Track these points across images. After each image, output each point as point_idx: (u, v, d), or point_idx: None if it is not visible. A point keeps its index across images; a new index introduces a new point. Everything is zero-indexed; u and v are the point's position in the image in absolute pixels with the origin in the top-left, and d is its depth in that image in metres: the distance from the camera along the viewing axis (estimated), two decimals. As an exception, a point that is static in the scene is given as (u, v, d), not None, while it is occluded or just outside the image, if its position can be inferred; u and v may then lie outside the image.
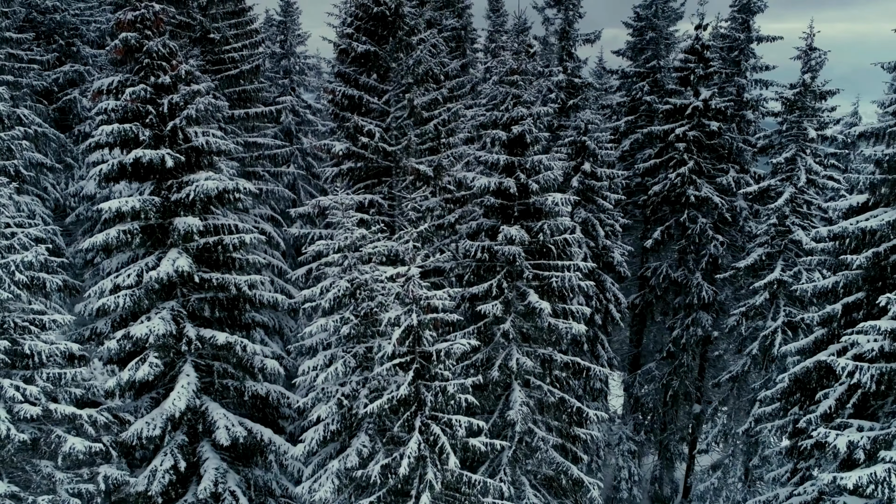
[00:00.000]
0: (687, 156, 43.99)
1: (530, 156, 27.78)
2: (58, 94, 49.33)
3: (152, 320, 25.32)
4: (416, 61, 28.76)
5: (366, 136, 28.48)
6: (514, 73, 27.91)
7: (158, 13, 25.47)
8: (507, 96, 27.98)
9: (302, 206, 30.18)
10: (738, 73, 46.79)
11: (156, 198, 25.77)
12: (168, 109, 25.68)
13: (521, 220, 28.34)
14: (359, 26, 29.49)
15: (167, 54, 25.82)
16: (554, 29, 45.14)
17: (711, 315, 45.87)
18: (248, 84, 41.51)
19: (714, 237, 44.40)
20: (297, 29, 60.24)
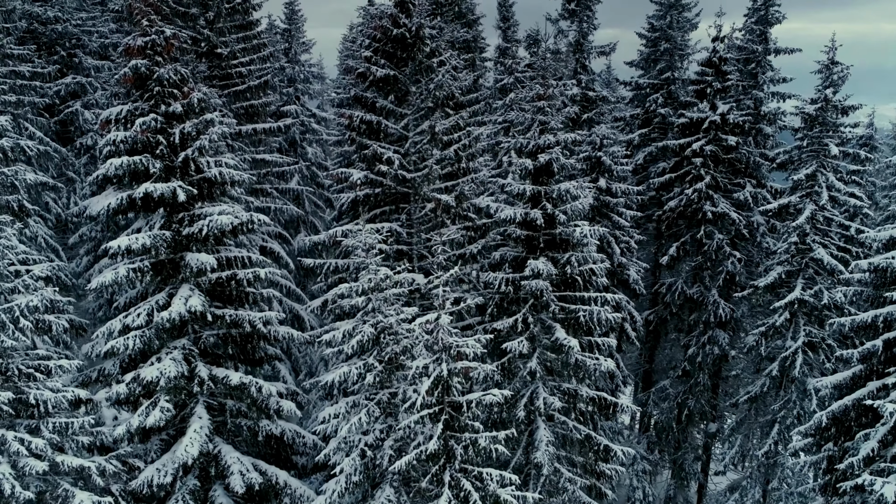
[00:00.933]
0: (704, 171, 42.51)
1: (557, 184, 26.28)
2: (59, 106, 47.69)
3: (163, 361, 23.81)
4: (437, 85, 27.22)
5: (385, 163, 26.93)
6: (541, 99, 26.39)
7: (170, 38, 23.90)
8: (533, 123, 26.51)
9: (317, 235, 28.60)
10: (756, 85, 45.31)
11: (167, 232, 24.24)
12: (180, 140, 24.14)
13: (547, 251, 26.88)
14: (377, 48, 27.94)
15: (178, 81, 24.26)
16: (568, 41, 43.57)
17: (728, 333, 44.39)
18: (256, 98, 39.88)
19: (731, 254, 42.96)
20: (302, 37, 58.69)
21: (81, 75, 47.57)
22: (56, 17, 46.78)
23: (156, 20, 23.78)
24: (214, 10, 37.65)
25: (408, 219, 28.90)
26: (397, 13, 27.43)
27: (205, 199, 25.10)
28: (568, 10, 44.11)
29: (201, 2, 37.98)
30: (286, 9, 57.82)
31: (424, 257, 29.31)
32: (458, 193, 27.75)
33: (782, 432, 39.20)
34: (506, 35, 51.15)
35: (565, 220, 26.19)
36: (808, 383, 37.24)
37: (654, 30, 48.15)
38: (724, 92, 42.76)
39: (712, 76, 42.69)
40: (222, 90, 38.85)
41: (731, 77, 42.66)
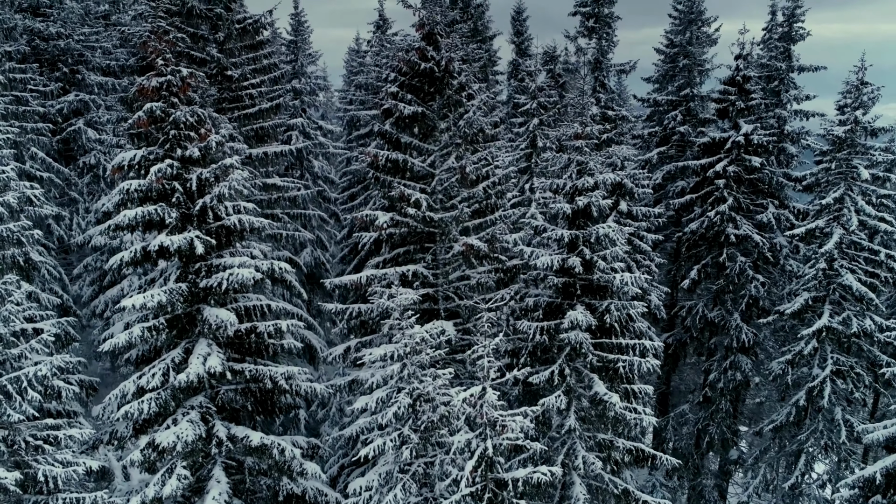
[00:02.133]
0: (726, 192, 40.65)
1: (595, 228, 24.40)
2: (61, 124, 45.73)
3: (179, 424, 21.93)
4: (467, 122, 25.28)
5: (413, 206, 25.02)
6: (579, 138, 24.50)
7: (186, 78, 21.95)
8: (570, 163, 24.62)
9: (339, 279, 26.71)
10: (779, 103, 43.42)
11: (183, 285, 22.31)
12: (197, 186, 22.24)
13: (584, 297, 25.03)
14: (403, 82, 26.02)
15: (195, 122, 22.30)
16: (587, 59, 41.66)
17: (751, 358, 42.63)
18: (267, 120, 37.93)
19: (754, 277, 41.16)
20: (308, 48, 56.64)
21: (84, 92, 45.66)
22: (58, 34, 44.80)
23: (171, 59, 21.83)
24: (225, 31, 35.68)
25: (433, 259, 27.01)
26: (425, 46, 25.52)
27: (223, 246, 23.16)
28: (587, 28, 42.26)
29: (211, 22, 36.00)
30: (292, 20, 55.86)
31: (451, 298, 27.45)
32: (490, 237, 25.86)
33: (808, 463, 37.55)
34: (519, 49, 49.32)
35: (605, 266, 24.29)
36: (835, 413, 35.65)
37: (672, 45, 46.23)
38: (748, 111, 40.89)
39: (735, 95, 40.83)
40: (232, 112, 36.93)
41: (755, 96, 40.78)
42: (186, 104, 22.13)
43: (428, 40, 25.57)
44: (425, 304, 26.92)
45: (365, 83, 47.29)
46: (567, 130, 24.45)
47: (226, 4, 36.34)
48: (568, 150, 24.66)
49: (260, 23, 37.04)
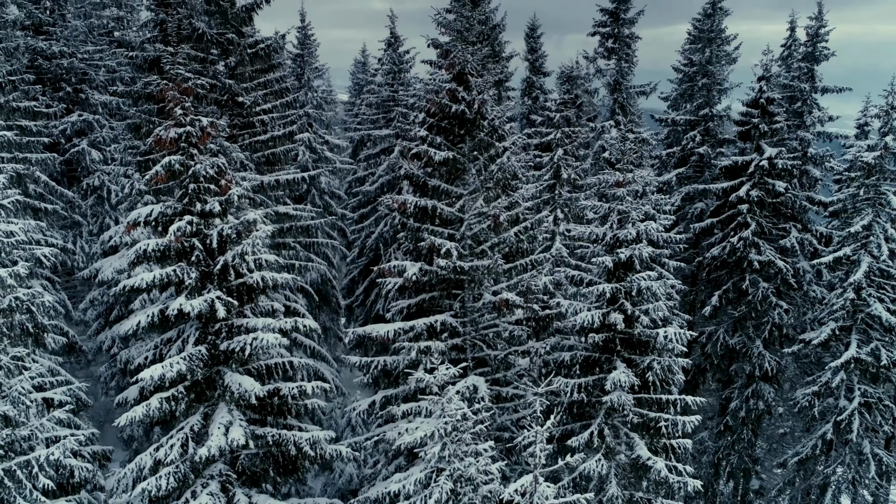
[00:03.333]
0: (749, 217, 39.00)
1: (637, 280, 22.73)
2: (65, 145, 43.94)
3: (199, 497, 20.22)
4: (500, 167, 23.59)
5: (444, 256, 23.32)
6: (620, 186, 22.83)
7: (206, 128, 20.18)
8: (611, 212, 22.96)
9: (362, 328, 25.01)
10: (801, 125, 41.79)
11: (202, 348, 20.61)
12: (218, 243, 20.48)
13: (624, 351, 23.40)
14: (432, 124, 24.30)
15: (216, 173, 20.56)
16: (606, 81, 39.97)
17: (773, 386, 41.06)
18: (279, 146, 36.17)
19: (777, 304, 39.53)
20: (314, 62, 54.98)
21: (88, 112, 43.87)
22: (61, 52, 42.94)
23: (191, 108, 20.07)
24: (236, 56, 33.88)
25: (461, 307, 25.31)
26: (455, 87, 23.77)
27: (244, 303, 21.44)
28: (607, 49, 40.60)
29: (222, 47, 34.21)
30: (299, 33, 54.23)
31: (479, 346, 25.77)
32: (525, 289, 24.18)
33: (835, 497, 36.05)
34: (533, 66, 47.62)
35: (647, 321, 22.65)
36: (864, 446, 34.25)
37: (691, 64, 44.51)
38: (772, 135, 39.19)
39: (758, 117, 39.12)
40: (243, 138, 35.21)
41: (778, 119, 39.07)
42: (207, 154, 20.32)
43: (458, 80, 23.85)
44: (452, 353, 25.29)
45: (376, 102, 45.58)
46: (607, 178, 22.74)
47: (237, 29, 34.57)
48: (609, 199, 22.97)
49: (272, 47, 35.25)
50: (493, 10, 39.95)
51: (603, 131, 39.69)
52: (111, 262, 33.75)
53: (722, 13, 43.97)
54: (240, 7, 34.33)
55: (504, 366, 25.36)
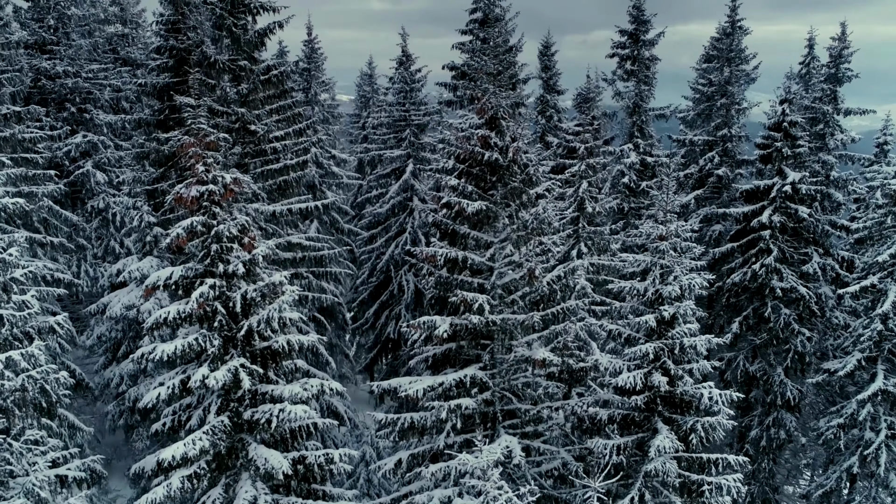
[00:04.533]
0: (772, 243, 37.70)
1: (680, 337, 21.41)
2: (69, 167, 42.50)
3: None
4: (535, 217, 22.23)
5: (476, 313, 21.97)
6: (663, 240, 21.48)
7: (229, 185, 18.77)
8: (653, 266, 21.63)
9: (387, 381, 23.66)
10: (823, 147, 40.47)
11: (224, 418, 19.25)
12: (241, 307, 19.09)
13: (665, 410, 22.09)
14: (462, 170, 22.95)
15: (239, 231, 19.18)
16: (625, 104, 38.59)
17: (795, 415, 39.84)
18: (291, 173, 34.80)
19: (800, 331, 38.24)
20: (321, 76, 53.57)
21: (93, 132, 42.40)
22: (65, 72, 41.42)
23: (213, 164, 18.66)
24: (248, 84, 32.46)
25: (490, 358, 23.98)
26: (487, 133, 22.37)
27: (267, 366, 20.06)
28: (626, 72, 39.21)
29: (233, 74, 32.80)
30: (305, 47, 52.83)
31: (508, 399, 24.46)
32: (561, 346, 22.82)
33: (860, 532, 34.86)
34: (547, 84, 46.20)
35: (691, 381, 21.35)
36: (891, 480, 33.12)
37: (710, 84, 43.16)
38: (795, 159, 37.84)
39: (781, 141, 37.78)
40: (255, 167, 33.83)
41: (801, 143, 37.74)
42: (232, 217, 18.92)
43: (490, 126, 22.46)
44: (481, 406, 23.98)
45: (387, 122, 44.20)
46: (650, 231, 21.38)
47: (249, 55, 33.14)
48: (651, 253, 21.64)
49: (285, 73, 33.83)
50: (510, 32, 38.51)
51: (622, 155, 38.30)
52: (120, 298, 32.39)
53: (741, 32, 42.68)
54: (253, 33, 32.87)
55: (535, 420, 24.01)
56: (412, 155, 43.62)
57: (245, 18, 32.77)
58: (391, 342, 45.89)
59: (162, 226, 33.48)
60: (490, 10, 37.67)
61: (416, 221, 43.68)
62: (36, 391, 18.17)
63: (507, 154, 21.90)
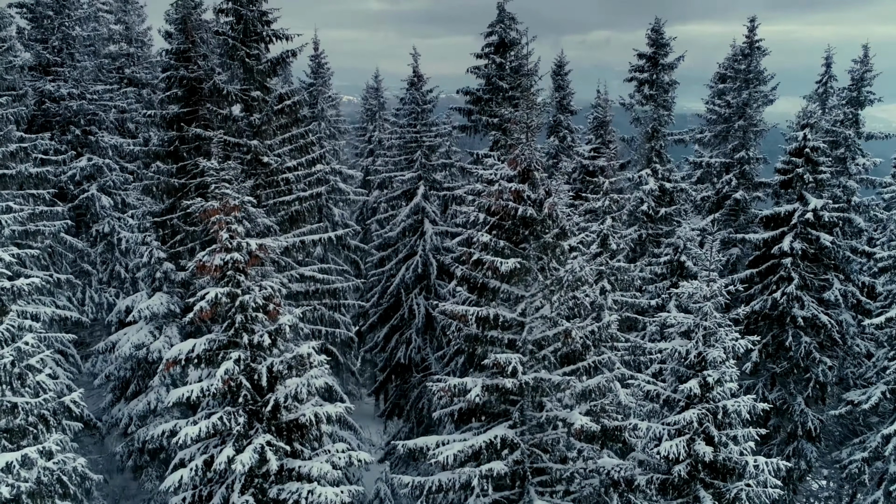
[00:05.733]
0: (793, 271, 36.58)
1: (722, 401, 20.29)
2: (73, 191, 41.19)
3: None
4: (570, 273, 21.03)
5: (510, 375, 20.81)
6: (707, 300, 20.32)
7: (255, 252, 17.54)
8: (696, 328, 20.49)
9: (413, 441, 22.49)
10: (844, 171, 39.36)
11: (249, 497, 18.05)
12: (268, 381, 17.86)
13: (707, 477, 20.96)
14: (493, 224, 21.75)
15: (265, 300, 17.96)
16: (644, 130, 37.41)
17: (816, 445, 38.78)
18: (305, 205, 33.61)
19: (821, 360, 37.15)
20: (328, 91, 52.33)
21: (98, 155, 41.05)
22: (70, 94, 40.07)
23: (238, 231, 17.43)
24: (261, 115, 31.24)
25: (520, 415, 22.83)
26: (521, 188, 21.16)
27: (293, 439, 18.87)
28: (644, 96, 38.00)
29: (245, 104, 31.57)
30: (312, 62, 51.52)
31: (537, 455, 23.30)
32: (598, 410, 21.66)
33: (884, 566, 33.81)
34: (560, 104, 44.96)
35: (736, 450, 20.22)
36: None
37: (728, 106, 41.97)
38: (817, 185, 36.68)
39: (803, 167, 36.60)
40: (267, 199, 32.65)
41: (824, 170, 36.58)
42: (258, 290, 17.69)
43: (523, 178, 21.27)
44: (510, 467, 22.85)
45: (398, 144, 42.99)
46: (693, 291, 20.19)
47: (261, 83, 31.91)
48: (694, 313, 20.48)
49: (299, 103, 32.61)
50: (526, 56, 37.28)
51: (640, 182, 37.12)
52: (129, 337, 31.21)
53: (760, 53, 41.44)
54: (265, 62, 31.65)
55: (567, 479, 22.85)
56: (423, 177, 42.43)
57: (258, 48, 31.59)
58: (401, 367, 44.74)
59: (171, 260, 32.32)
60: (506, 34, 36.45)
61: (427, 244, 42.50)
62: (53, 483, 16.95)
63: (543, 209, 20.71)
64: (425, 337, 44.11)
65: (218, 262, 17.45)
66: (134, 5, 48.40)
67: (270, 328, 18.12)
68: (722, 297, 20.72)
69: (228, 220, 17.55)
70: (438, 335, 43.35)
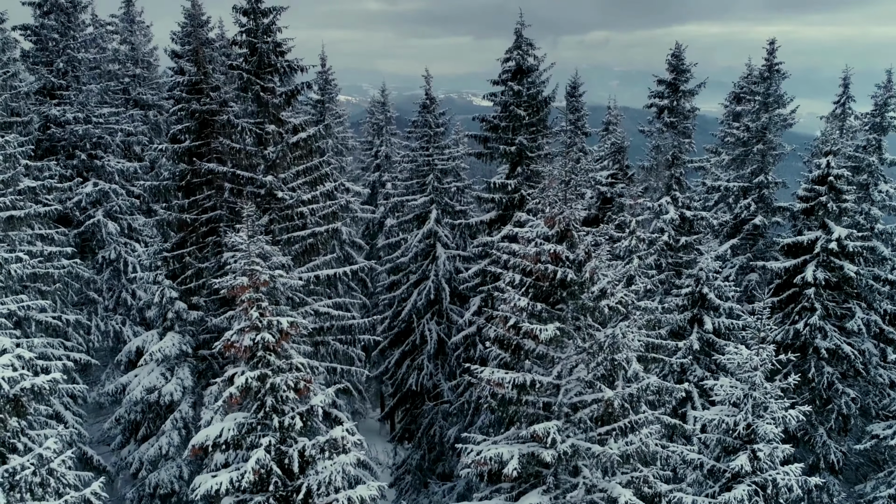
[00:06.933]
0: (816, 301, 35.48)
1: (773, 476, 19.19)
2: (79, 217, 39.94)
3: None
4: (611, 339, 19.86)
5: (549, 447, 19.67)
6: (756, 370, 19.17)
7: (286, 330, 16.33)
8: (745, 399, 19.37)
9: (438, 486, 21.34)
10: (866, 198, 38.23)
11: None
12: (299, 465, 16.69)
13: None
14: (530, 284, 20.58)
15: (294, 381, 16.77)
16: (664, 158, 36.23)
17: (838, 478, 37.72)
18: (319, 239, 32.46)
19: (844, 392, 36.09)
20: (335, 108, 51.13)
21: (104, 179, 39.79)
22: (75, 118, 38.78)
23: (268, 308, 16.22)
24: (274, 148, 30.06)
25: (555, 480, 21.67)
26: (558, 249, 19.99)
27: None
28: (665, 124, 36.83)
29: (259, 138, 30.40)
30: (319, 78, 50.13)
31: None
32: (640, 481, 20.52)
33: None
34: (575, 125, 43.77)
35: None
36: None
37: (747, 130, 40.83)
38: (840, 213, 35.55)
39: (825, 194, 35.47)
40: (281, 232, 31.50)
41: (847, 197, 35.44)
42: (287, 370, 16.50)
43: (561, 239, 20.06)
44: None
45: (411, 168, 41.91)
46: (741, 361, 19.06)
47: (275, 116, 30.69)
48: (742, 382, 19.35)
49: (315, 136, 31.42)
50: (544, 83, 36.10)
51: (661, 211, 35.93)
52: (140, 380, 30.09)
53: (779, 76, 40.27)
54: (280, 95, 30.45)
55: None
56: (436, 200, 41.30)
57: (272, 80, 30.36)
58: (413, 393, 43.68)
59: (183, 297, 31.20)
60: (524, 60, 35.21)
61: (440, 270, 41.39)
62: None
63: (583, 272, 19.52)
64: (436, 362, 43.11)
65: (247, 342, 16.27)
66: (140, 25, 47.11)
67: (302, 409, 16.97)
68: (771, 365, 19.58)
69: (258, 298, 16.35)
70: (450, 361, 42.35)
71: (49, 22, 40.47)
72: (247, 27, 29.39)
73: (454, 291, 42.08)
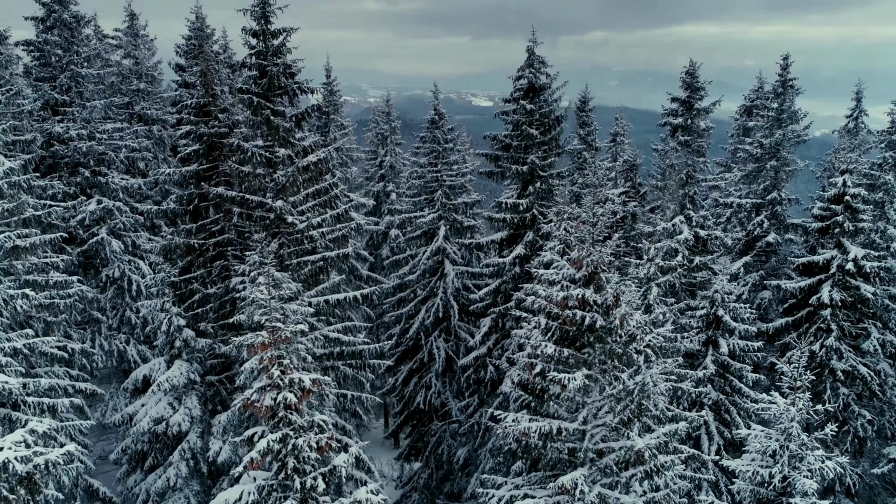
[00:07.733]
0: (832, 322, 34.73)
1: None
2: (83, 234, 39.06)
3: None
4: (640, 388, 19.08)
5: (577, 499, 18.87)
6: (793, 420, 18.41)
7: (308, 388, 15.51)
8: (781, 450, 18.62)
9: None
10: (883, 216, 37.45)
11: None
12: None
13: None
14: (555, 328, 19.77)
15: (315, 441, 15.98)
16: (678, 177, 35.40)
17: (854, 501, 37.01)
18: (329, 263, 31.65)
19: (860, 413, 35.37)
20: (340, 119, 50.33)
21: (107, 196, 38.89)
22: (79, 135, 37.89)
23: (290, 365, 15.41)
24: (286, 176, 29.20)
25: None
26: (587, 293, 19.17)
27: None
28: (680, 142, 35.98)
29: (269, 162, 29.56)
30: (324, 89, 49.33)
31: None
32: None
33: None
34: (584, 141, 42.97)
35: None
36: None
37: (761, 147, 40.03)
38: (856, 233, 34.78)
39: (842, 214, 34.70)
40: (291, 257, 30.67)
41: (864, 217, 34.66)
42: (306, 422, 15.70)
43: (588, 282, 19.25)
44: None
45: (419, 184, 41.15)
46: (777, 412, 18.29)
47: (284, 139, 29.84)
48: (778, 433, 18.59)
49: (325, 159, 30.56)
50: (556, 101, 35.25)
51: (674, 231, 35.09)
52: (147, 410, 29.27)
53: (793, 91, 39.46)
54: (290, 117, 29.63)
55: None
56: (444, 216, 40.51)
57: (281, 102, 29.50)
58: (420, 411, 42.93)
59: (190, 324, 30.39)
60: (536, 79, 34.36)
61: (448, 287, 40.62)
62: None
63: (611, 317, 18.71)
64: (444, 380, 42.40)
65: (268, 402, 15.47)
66: (144, 39, 46.20)
67: (324, 470, 16.18)
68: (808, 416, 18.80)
69: (280, 355, 15.53)
70: (459, 380, 41.60)
71: (52, 37, 39.52)
72: (257, 49, 28.54)
73: (462, 308, 41.35)
